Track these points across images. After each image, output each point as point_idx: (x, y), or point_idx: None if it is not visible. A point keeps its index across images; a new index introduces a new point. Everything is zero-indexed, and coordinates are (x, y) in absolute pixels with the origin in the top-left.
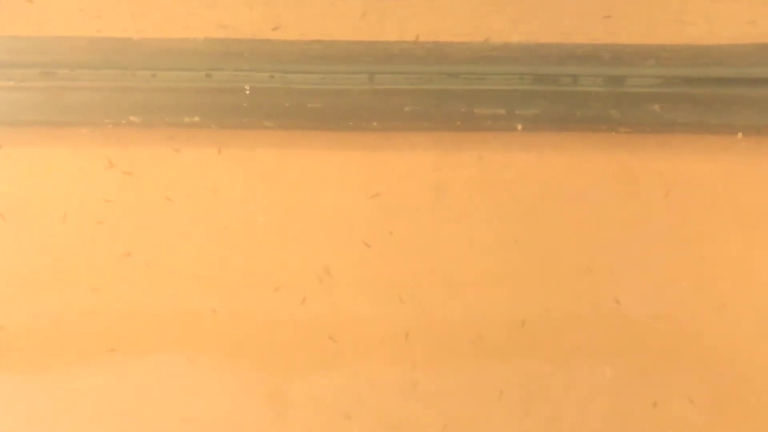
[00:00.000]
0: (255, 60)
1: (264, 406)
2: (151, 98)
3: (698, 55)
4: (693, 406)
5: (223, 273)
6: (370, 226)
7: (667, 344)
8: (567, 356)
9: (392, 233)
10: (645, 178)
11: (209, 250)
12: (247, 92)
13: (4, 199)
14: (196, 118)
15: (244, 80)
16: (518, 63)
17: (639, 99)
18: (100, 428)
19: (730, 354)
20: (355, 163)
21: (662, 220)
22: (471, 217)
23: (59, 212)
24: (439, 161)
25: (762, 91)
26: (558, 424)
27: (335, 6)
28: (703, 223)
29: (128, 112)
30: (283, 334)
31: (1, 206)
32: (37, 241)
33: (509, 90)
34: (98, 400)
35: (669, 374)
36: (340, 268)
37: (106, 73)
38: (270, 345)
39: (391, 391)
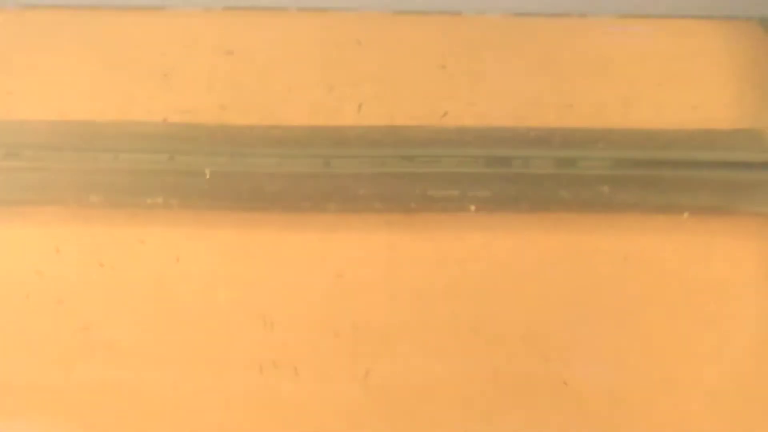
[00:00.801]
0: (215, 143)
1: None
2: (113, 179)
3: (645, 139)
4: None
5: (182, 349)
6: (329, 305)
7: (616, 420)
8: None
9: (348, 310)
10: (595, 256)
11: (169, 327)
12: (207, 176)
13: None
14: (159, 199)
15: (204, 163)
16: (472, 146)
17: (589, 180)
18: None
19: (676, 427)
20: (313, 243)
21: (612, 297)
22: (424, 296)
23: (22, 291)
24: (393, 241)
25: (706, 173)
26: None
27: (293, 92)
28: (652, 300)
29: (90, 192)
30: (240, 411)
31: None
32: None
33: (463, 172)
34: None
35: None
36: (299, 349)
37: (68, 155)
38: (228, 420)
39: None
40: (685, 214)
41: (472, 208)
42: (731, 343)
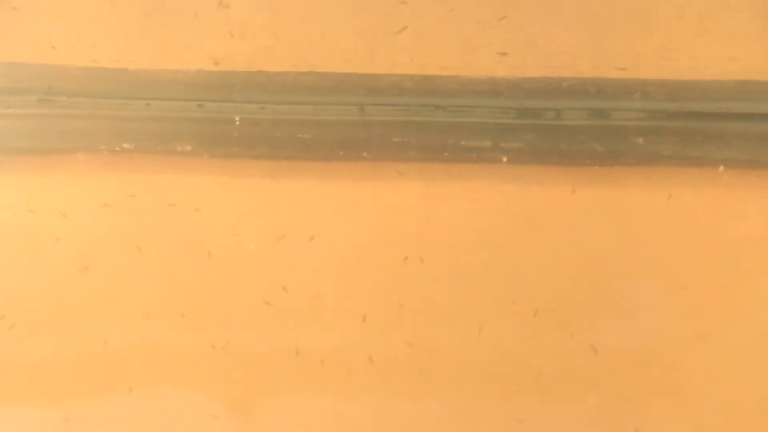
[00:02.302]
0: (246, 91)
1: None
2: (144, 127)
3: (681, 90)
4: None
5: (214, 301)
6: (359, 253)
7: (648, 374)
8: (549, 386)
9: (380, 260)
10: (627, 210)
11: (199, 276)
12: (237, 123)
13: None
14: (188, 147)
15: (234, 111)
16: (504, 96)
17: (623, 132)
18: None
19: (710, 383)
20: (346, 192)
21: (644, 252)
22: (456, 245)
23: (53, 236)
24: (426, 191)
25: (742, 125)
26: None
27: (327, 39)
28: (685, 255)
29: (122, 139)
30: (274, 360)
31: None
32: (31, 266)
33: (495, 123)
34: None
35: (650, 403)
36: (329, 294)
37: (101, 102)
38: (259, 371)
39: (365, 415)
40: (721, 167)
41: (504, 159)
42: (765, 299)
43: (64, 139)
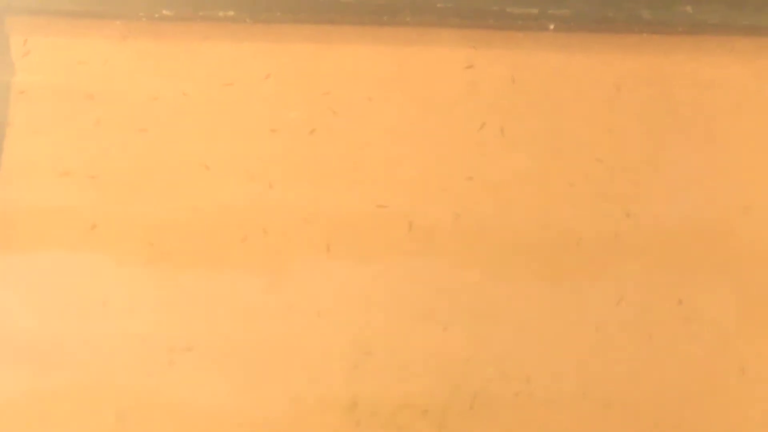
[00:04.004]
0: None
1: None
2: None
3: None
4: (717, 303)
5: (256, 163)
6: (401, 119)
7: (693, 244)
8: (595, 253)
9: (423, 126)
10: (675, 79)
11: (242, 143)
12: None
13: (36, 88)
14: (231, 12)
15: None
16: None
17: (671, 0)
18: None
19: (755, 256)
20: (388, 57)
21: (691, 122)
22: (500, 113)
23: (85, 94)
24: (471, 58)
25: None
26: (585, 317)
27: None
28: (731, 125)
29: (162, 6)
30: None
31: (32, 91)
32: (67, 125)
33: None
34: None
35: (694, 273)
36: (370, 159)
37: None
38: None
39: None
40: None
41: (551, 26)
42: None
43: (105, 2)
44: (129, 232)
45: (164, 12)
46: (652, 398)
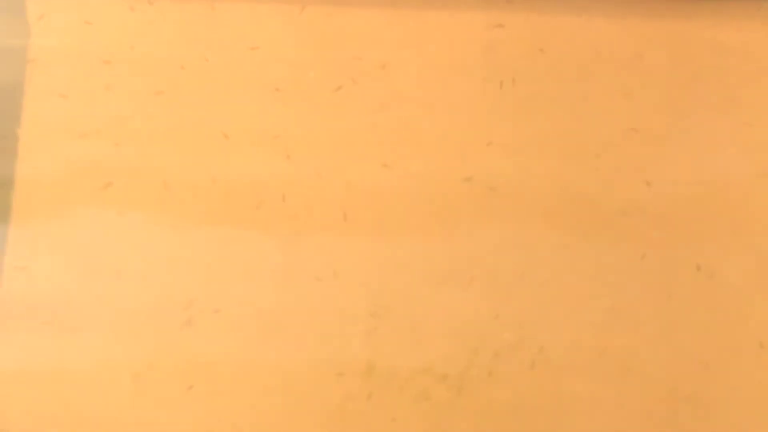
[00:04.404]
0: None
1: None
2: None
3: None
4: (735, 269)
5: (279, 125)
6: (420, 82)
7: (711, 209)
8: (614, 217)
9: (442, 89)
10: (696, 44)
11: (263, 103)
12: None
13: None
14: None
15: None
16: None
17: None
18: None
19: None
20: (406, 20)
21: (711, 86)
22: (519, 78)
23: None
24: (489, 22)
25: None
26: (603, 282)
27: None
28: (753, 91)
29: None
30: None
31: (48, 54)
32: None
33: None
34: None
35: (712, 238)
36: (387, 123)
37: None
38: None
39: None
40: None
41: None
42: None
43: None
44: (146, 194)
45: None
46: (670, 365)
